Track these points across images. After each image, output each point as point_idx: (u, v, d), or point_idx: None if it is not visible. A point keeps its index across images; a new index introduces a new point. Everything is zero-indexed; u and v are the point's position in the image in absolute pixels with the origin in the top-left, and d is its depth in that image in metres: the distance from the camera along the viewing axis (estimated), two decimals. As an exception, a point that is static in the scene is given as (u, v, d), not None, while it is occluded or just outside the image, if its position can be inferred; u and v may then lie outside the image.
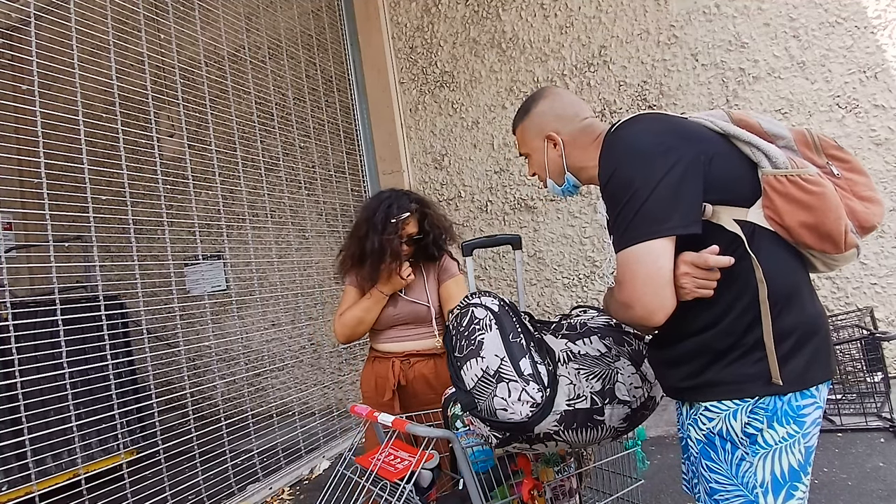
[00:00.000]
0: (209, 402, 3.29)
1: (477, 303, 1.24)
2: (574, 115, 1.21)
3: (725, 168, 0.99)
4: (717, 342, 0.99)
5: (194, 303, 3.65)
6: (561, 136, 1.19)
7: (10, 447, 2.29)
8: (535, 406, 1.09)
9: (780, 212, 0.96)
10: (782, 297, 0.97)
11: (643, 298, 0.95)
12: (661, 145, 0.98)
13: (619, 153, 1.02)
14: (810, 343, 0.98)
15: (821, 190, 0.94)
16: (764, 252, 0.97)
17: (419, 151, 4.22)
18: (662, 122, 1.06)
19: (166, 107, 3.45)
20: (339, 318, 1.88)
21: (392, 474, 1.30)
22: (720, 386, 1.00)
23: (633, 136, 1.03)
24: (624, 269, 0.97)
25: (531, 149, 1.26)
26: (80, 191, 2.51)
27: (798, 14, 3.11)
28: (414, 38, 4.20)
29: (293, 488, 3.10)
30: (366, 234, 1.78)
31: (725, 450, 1.01)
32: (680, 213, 0.94)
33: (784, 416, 0.97)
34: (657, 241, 0.94)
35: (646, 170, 0.96)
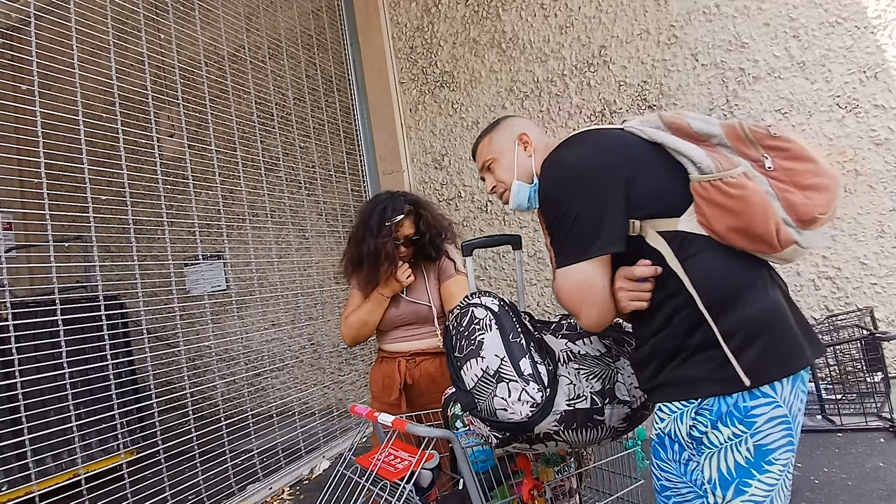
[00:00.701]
0: (209, 402, 3.29)
1: (477, 303, 1.24)
2: (535, 127, 1.32)
3: (652, 181, 1.03)
4: (666, 344, 1.02)
5: (194, 303, 3.65)
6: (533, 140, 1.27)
7: (10, 447, 2.29)
8: (535, 406, 1.09)
9: (708, 217, 0.98)
10: (721, 300, 0.97)
11: (584, 314, 1.04)
12: (586, 171, 1.04)
13: (549, 178, 1.09)
14: (758, 341, 0.96)
15: (742, 193, 0.95)
16: (700, 257, 0.99)
17: (419, 151, 4.22)
18: (590, 144, 1.11)
19: (166, 107, 3.45)
20: (345, 321, 1.90)
21: (392, 474, 1.30)
22: (668, 387, 1.03)
23: (561, 163, 1.09)
24: (561, 284, 1.05)
25: (499, 153, 1.30)
26: (80, 191, 2.51)
27: (798, 14, 3.11)
28: (414, 38, 4.20)
29: (293, 488, 3.10)
30: (362, 238, 1.80)
31: (674, 450, 1.06)
32: (604, 235, 1.00)
33: (729, 417, 0.97)
34: (585, 263, 1.02)
35: (571, 196, 1.03)
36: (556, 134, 3.74)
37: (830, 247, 3.10)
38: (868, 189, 3.01)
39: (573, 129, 3.69)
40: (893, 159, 2.97)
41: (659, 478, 1.13)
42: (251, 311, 3.85)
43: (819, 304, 3.14)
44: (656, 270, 1.00)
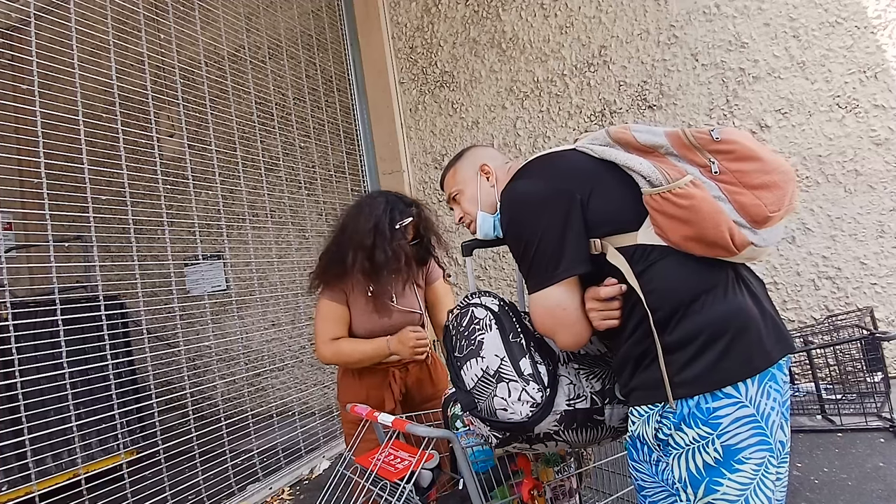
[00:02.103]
0: (209, 402, 3.29)
1: (477, 303, 1.24)
2: (498, 156, 1.36)
3: (606, 200, 1.05)
4: (633, 351, 1.04)
5: (194, 303, 3.65)
6: (494, 170, 1.31)
7: (10, 447, 2.28)
8: (535, 406, 1.09)
9: (663, 228, 1.00)
10: (679, 306, 0.99)
11: (559, 336, 1.08)
12: (539, 199, 1.07)
13: (507, 210, 1.12)
14: (718, 343, 0.97)
15: (690, 203, 0.96)
16: (658, 266, 1.01)
17: (419, 151, 4.22)
18: (541, 171, 1.14)
19: (166, 107, 3.45)
20: (333, 345, 1.75)
21: (392, 474, 1.30)
22: (635, 391, 1.06)
23: (515, 195, 1.12)
24: (535, 311, 1.09)
25: (464, 183, 1.34)
26: (80, 191, 2.51)
27: (798, 14, 3.11)
28: (414, 38, 4.20)
29: (293, 488, 3.10)
30: (373, 244, 1.68)
31: (644, 451, 1.10)
32: (566, 258, 1.03)
33: (692, 419, 0.98)
34: (552, 287, 1.05)
35: (529, 225, 1.07)
36: (556, 134, 3.74)
37: (830, 247, 3.10)
38: (868, 189, 3.01)
39: (573, 128, 3.69)
40: (893, 159, 2.97)
41: (636, 478, 1.17)
42: (251, 311, 3.85)
43: (819, 304, 3.14)
44: (621, 289, 1.03)
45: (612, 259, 1.04)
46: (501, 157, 1.36)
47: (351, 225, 1.75)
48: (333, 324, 1.78)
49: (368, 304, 1.79)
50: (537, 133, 3.80)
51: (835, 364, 2.79)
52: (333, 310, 1.79)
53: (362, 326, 1.80)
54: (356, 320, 1.81)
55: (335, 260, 1.77)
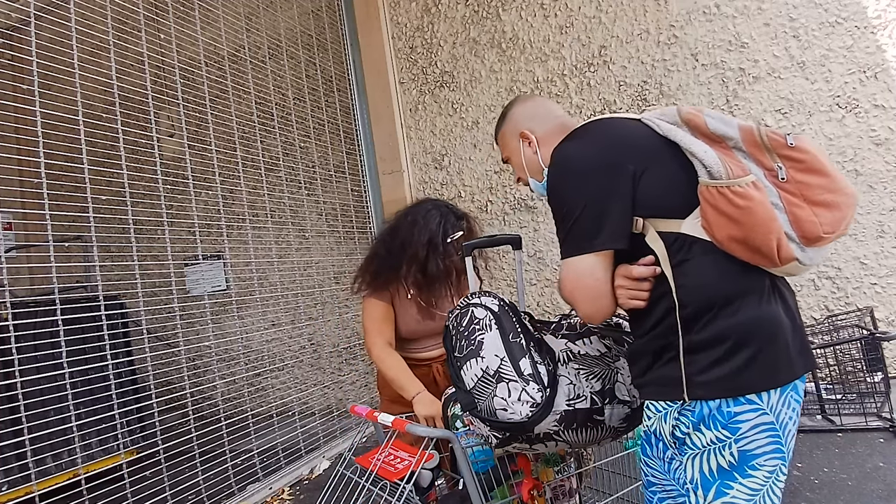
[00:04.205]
0: (209, 402, 3.29)
1: (477, 303, 1.24)
2: (546, 114, 1.27)
3: (658, 180, 1.01)
4: (653, 344, 1.03)
5: (194, 303, 3.65)
6: (535, 133, 1.24)
7: (10, 447, 2.28)
8: (534, 406, 1.09)
9: (711, 223, 0.96)
10: (711, 306, 0.96)
11: (581, 305, 1.05)
12: (593, 164, 1.03)
13: (555, 171, 1.08)
14: (745, 350, 0.95)
15: (747, 204, 0.92)
16: (698, 262, 0.98)
17: (419, 151, 4.22)
18: (601, 135, 1.09)
19: (166, 107, 3.45)
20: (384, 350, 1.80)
21: (392, 474, 1.30)
22: (652, 385, 1.04)
23: (568, 155, 1.07)
24: (564, 275, 1.05)
25: (510, 151, 1.31)
26: (80, 191, 2.51)
27: (798, 14, 3.11)
28: (414, 38, 4.20)
29: (293, 488, 3.10)
30: (427, 257, 1.74)
31: (658, 448, 1.09)
32: (606, 231, 1.00)
33: (712, 421, 0.97)
34: (587, 256, 1.02)
35: (576, 190, 1.03)
36: (556, 134, 3.73)
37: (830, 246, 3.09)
38: (868, 189, 3.01)
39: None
40: (893, 159, 2.97)
41: (646, 473, 1.16)
42: (251, 311, 3.85)
43: (819, 304, 3.14)
44: (655, 271, 1.00)
45: (650, 242, 1.00)
46: (548, 114, 1.27)
47: (405, 235, 1.79)
48: (381, 322, 1.85)
49: (412, 306, 1.87)
50: (537, 133, 3.79)
51: (835, 364, 2.79)
52: (381, 309, 1.86)
53: (406, 327, 1.88)
54: (400, 320, 1.88)
55: (386, 266, 1.82)
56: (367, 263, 1.89)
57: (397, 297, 1.88)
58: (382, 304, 1.85)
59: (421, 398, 1.68)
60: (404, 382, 1.74)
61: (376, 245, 1.91)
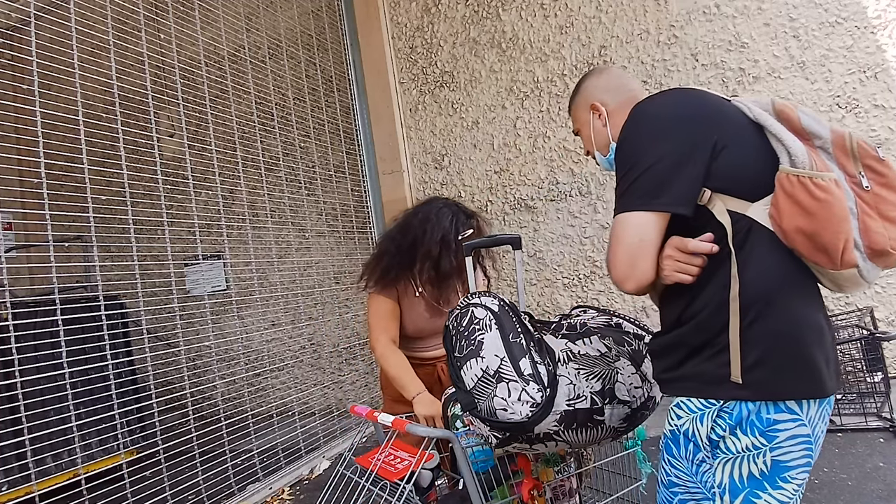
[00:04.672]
0: (209, 402, 3.29)
1: (477, 303, 1.24)
2: (620, 86, 1.23)
3: (740, 158, 0.97)
4: (693, 337, 0.98)
5: (194, 303, 3.65)
6: (606, 106, 1.21)
7: (10, 447, 2.29)
8: (535, 406, 1.09)
9: (781, 212, 0.92)
10: (761, 301, 0.93)
11: (619, 264, 0.99)
12: (673, 123, 0.99)
13: (632, 124, 1.03)
14: (793, 353, 0.92)
15: (827, 198, 0.89)
16: (756, 251, 0.95)
17: (419, 151, 4.22)
18: (689, 99, 1.05)
19: (166, 107, 3.45)
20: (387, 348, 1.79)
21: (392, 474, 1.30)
22: (686, 381, 1.00)
23: (649, 111, 1.03)
24: (612, 233, 1.01)
25: (581, 123, 1.28)
26: (80, 191, 2.51)
27: (798, 14, 3.11)
28: (414, 38, 4.20)
29: (293, 488, 3.10)
30: (440, 255, 1.76)
31: (688, 449, 1.03)
32: (672, 192, 0.95)
33: (750, 426, 0.94)
34: (644, 213, 0.96)
35: (651, 144, 0.98)
36: (556, 134, 3.74)
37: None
38: (868, 189, 3.01)
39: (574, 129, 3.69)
40: (893, 159, 2.97)
41: (668, 473, 1.11)
42: (251, 311, 3.85)
43: (819, 304, 3.14)
44: (712, 249, 0.94)
45: (718, 215, 0.95)
46: (622, 87, 1.23)
47: (417, 233, 1.80)
48: (386, 319, 1.84)
49: (421, 304, 1.88)
50: (537, 133, 3.80)
51: (835, 364, 2.79)
52: (387, 306, 1.85)
53: (413, 325, 1.88)
54: (406, 318, 1.88)
55: (396, 264, 1.82)
56: (375, 260, 1.89)
57: (404, 294, 1.87)
58: (389, 302, 1.85)
59: (421, 398, 1.68)
60: (406, 381, 1.74)
61: (385, 243, 1.90)
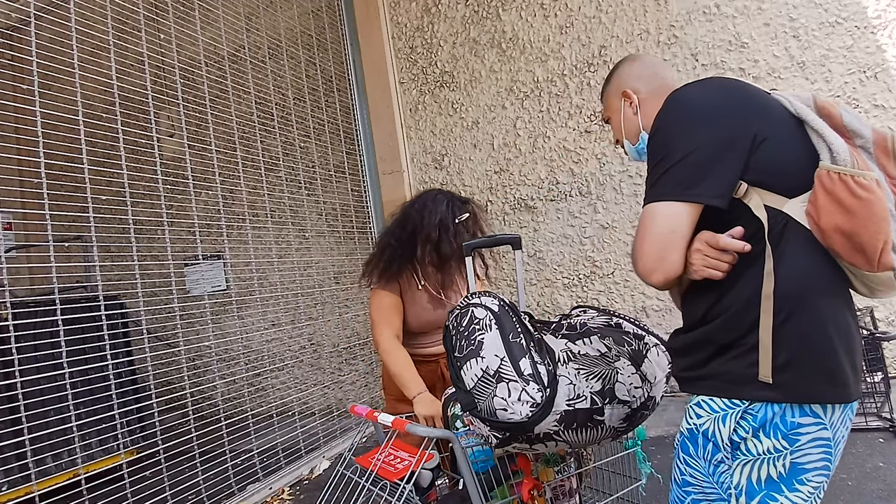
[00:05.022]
0: (209, 402, 3.30)
1: (477, 303, 1.24)
2: (653, 75, 1.20)
3: (780, 152, 0.94)
4: (720, 335, 0.96)
5: (194, 303, 3.65)
6: (638, 94, 1.19)
7: (10, 447, 2.29)
8: (535, 406, 1.09)
9: (820, 210, 0.89)
10: (794, 300, 0.90)
11: (646, 256, 0.96)
12: (712, 112, 0.96)
13: (667, 112, 1.00)
14: (818, 356, 0.90)
15: (868, 196, 0.86)
16: (790, 249, 0.92)
17: (419, 151, 4.22)
18: (728, 89, 1.01)
19: (166, 107, 3.45)
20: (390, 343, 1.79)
21: (392, 474, 1.30)
22: (711, 380, 0.98)
23: (686, 99, 1.00)
24: (640, 223, 0.98)
25: (611, 110, 1.25)
26: (80, 191, 2.51)
27: (798, 14, 3.11)
28: (414, 38, 4.20)
29: (293, 488, 3.10)
30: (439, 238, 1.79)
31: (707, 449, 1.00)
32: (707, 183, 0.92)
33: (773, 429, 0.92)
34: (677, 203, 0.93)
35: (686, 134, 0.95)
36: (556, 134, 3.74)
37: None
38: (868, 189, 3.01)
39: (573, 128, 3.69)
40: (893, 159, 2.97)
41: (683, 472, 1.08)
42: (251, 311, 3.85)
43: (819, 304, 3.14)
44: (745, 248, 0.90)
45: (755, 210, 0.92)
46: (655, 76, 1.20)
47: (416, 220, 1.84)
48: (389, 313, 1.85)
49: (423, 296, 1.89)
50: (537, 133, 3.80)
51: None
52: (390, 300, 1.86)
53: (416, 319, 1.88)
54: (410, 312, 1.88)
55: (398, 254, 1.85)
56: (377, 255, 1.90)
57: (407, 288, 1.88)
58: (392, 296, 1.86)
59: (421, 398, 1.68)
60: (407, 380, 1.74)
61: (384, 238, 1.92)
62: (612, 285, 3.61)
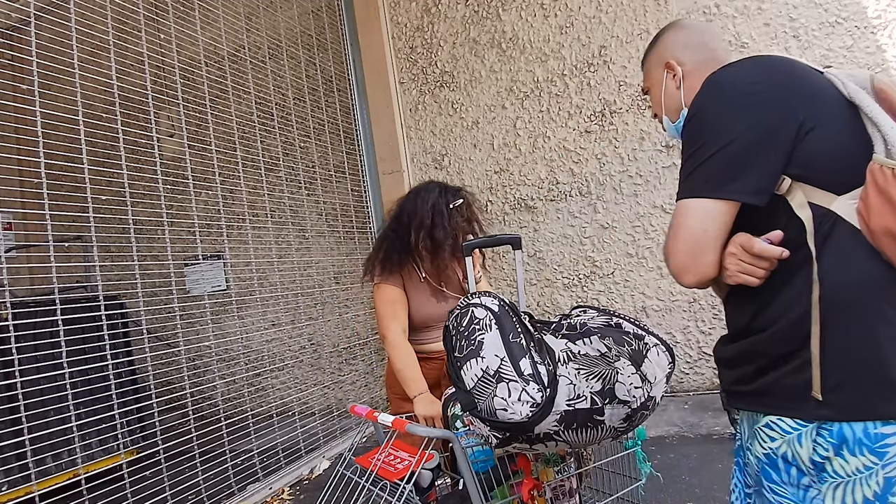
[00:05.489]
0: (209, 402, 3.30)
1: (477, 303, 1.24)
2: (701, 44, 1.09)
3: (828, 143, 0.84)
4: (772, 347, 0.87)
5: (194, 303, 3.65)
6: (683, 66, 1.08)
7: (10, 447, 2.29)
8: (535, 406, 1.09)
9: (870, 209, 0.80)
10: (845, 309, 0.82)
11: (678, 255, 0.89)
12: (755, 97, 0.86)
13: (704, 95, 0.91)
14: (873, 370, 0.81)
15: None
16: (839, 251, 0.83)
17: (419, 151, 4.22)
18: (773, 71, 0.91)
19: (166, 107, 3.45)
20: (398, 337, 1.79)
21: (392, 474, 1.30)
22: (769, 397, 0.88)
23: (726, 81, 0.91)
24: (673, 218, 0.90)
25: (652, 81, 1.15)
26: (80, 191, 2.51)
27: (798, 14, 3.11)
28: (414, 38, 4.20)
29: (293, 488, 3.10)
30: (433, 223, 1.80)
31: (790, 474, 0.89)
32: (746, 178, 0.84)
33: (857, 445, 0.81)
34: (711, 201, 0.86)
35: (724, 121, 0.86)
36: (556, 134, 3.74)
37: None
38: (868, 189, 3.01)
39: (573, 128, 3.69)
40: (893, 159, 2.97)
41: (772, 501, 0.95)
42: (251, 311, 3.85)
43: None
44: (782, 254, 0.83)
45: (798, 209, 0.83)
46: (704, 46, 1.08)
47: (410, 210, 1.86)
48: (395, 306, 1.85)
49: (424, 289, 1.90)
50: (537, 133, 3.80)
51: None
52: (394, 293, 1.86)
53: (419, 314, 1.89)
54: (413, 305, 1.89)
55: (395, 246, 1.87)
56: (376, 249, 1.93)
57: (409, 281, 1.90)
58: (395, 289, 1.87)
59: (422, 398, 1.69)
60: (410, 378, 1.74)
61: (382, 233, 1.95)
62: (612, 285, 3.61)
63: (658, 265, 3.46)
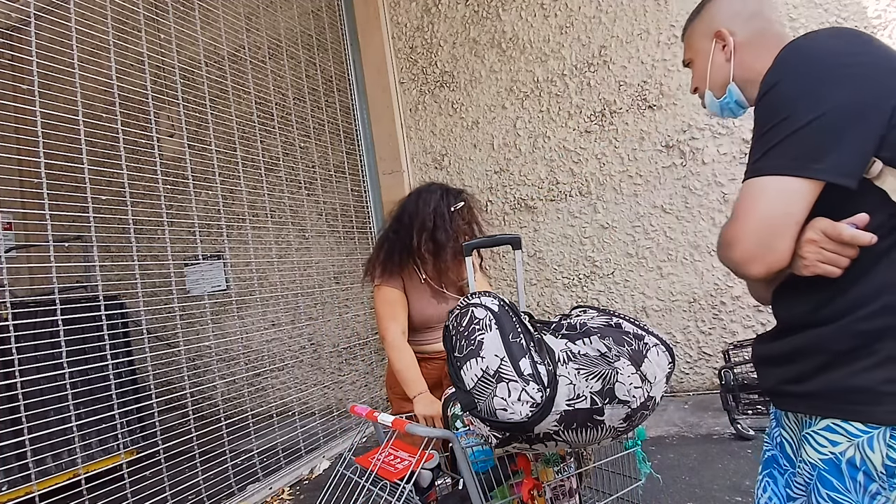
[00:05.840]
0: (209, 402, 3.30)
1: (477, 303, 1.24)
2: (756, 14, 0.97)
3: None
4: (838, 342, 0.79)
5: (194, 303, 3.65)
6: (735, 37, 0.97)
7: (10, 447, 2.29)
8: (534, 406, 1.09)
9: None
10: None
11: (746, 240, 0.79)
12: (849, 67, 0.77)
13: (787, 64, 0.81)
14: None
15: None
16: None
17: (419, 151, 4.22)
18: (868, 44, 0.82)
19: (166, 107, 3.45)
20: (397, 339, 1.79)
21: (392, 474, 1.30)
22: (833, 399, 0.81)
23: (816, 48, 0.81)
24: (743, 200, 0.80)
25: (695, 52, 1.04)
26: (80, 191, 2.51)
27: (798, 14, 3.11)
28: (414, 38, 4.20)
29: (293, 488, 3.10)
30: (434, 225, 1.81)
31: (856, 480, 0.81)
32: (837, 156, 0.75)
33: None
34: (796, 179, 0.76)
35: (816, 90, 0.77)
36: (556, 134, 3.74)
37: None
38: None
39: (573, 128, 3.69)
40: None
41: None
42: (251, 311, 3.85)
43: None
44: (872, 240, 0.75)
45: (893, 194, 0.76)
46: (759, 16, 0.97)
47: (411, 212, 1.86)
48: (394, 307, 1.86)
49: (425, 290, 1.91)
50: (537, 133, 3.80)
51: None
52: (393, 294, 1.87)
53: (420, 315, 1.89)
54: (414, 306, 1.89)
55: (396, 248, 1.87)
56: (377, 251, 1.93)
57: (410, 282, 1.90)
58: (395, 291, 1.87)
59: (422, 398, 1.69)
60: (410, 378, 1.75)
61: (384, 233, 1.95)
62: (612, 285, 3.61)
63: (658, 265, 3.46)
